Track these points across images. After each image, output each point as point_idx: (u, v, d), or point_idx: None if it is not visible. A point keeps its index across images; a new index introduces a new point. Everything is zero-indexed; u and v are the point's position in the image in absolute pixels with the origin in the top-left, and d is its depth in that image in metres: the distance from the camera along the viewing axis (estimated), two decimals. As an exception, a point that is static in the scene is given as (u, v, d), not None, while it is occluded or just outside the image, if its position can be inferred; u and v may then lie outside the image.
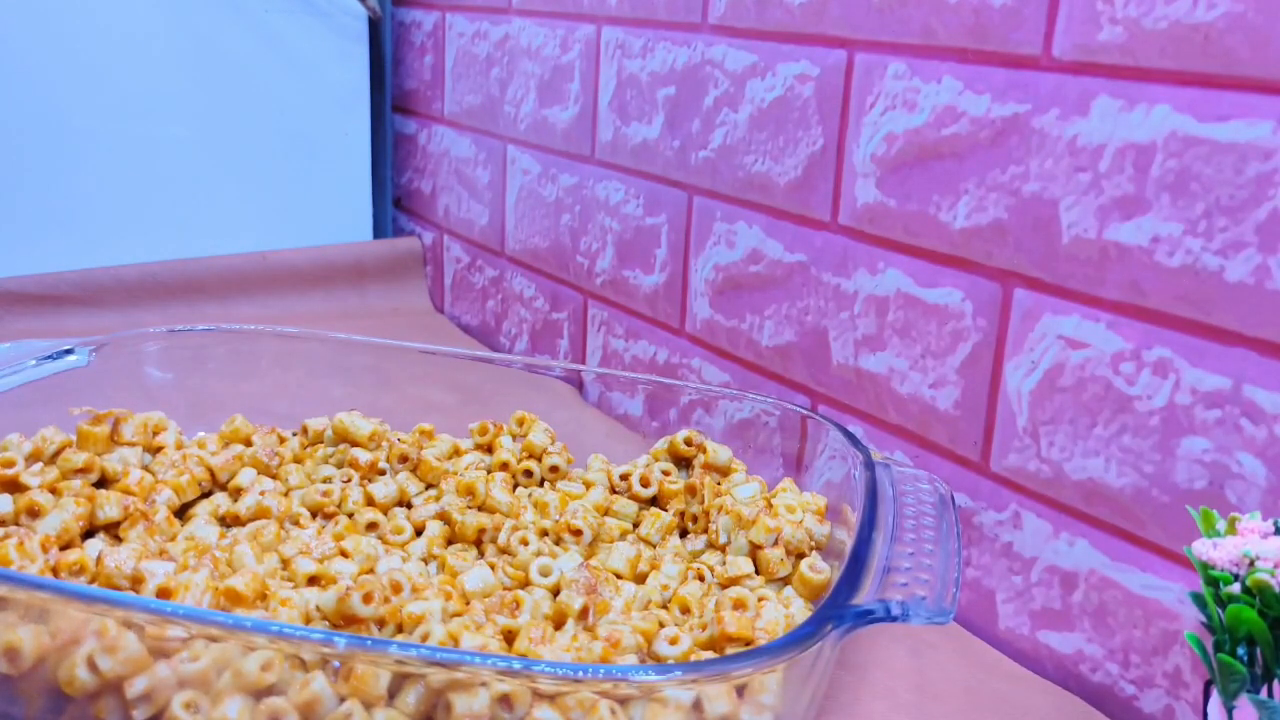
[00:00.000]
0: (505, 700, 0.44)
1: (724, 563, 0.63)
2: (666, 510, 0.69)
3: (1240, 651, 0.43)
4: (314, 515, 0.67)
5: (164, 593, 0.52)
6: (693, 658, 0.52)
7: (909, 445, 0.73)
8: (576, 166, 1.03)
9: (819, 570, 0.61)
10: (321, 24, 1.23)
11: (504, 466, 0.73)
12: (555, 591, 0.59)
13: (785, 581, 0.62)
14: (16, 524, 0.61)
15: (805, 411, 0.71)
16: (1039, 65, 0.62)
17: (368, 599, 0.51)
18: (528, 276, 1.12)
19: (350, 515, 0.67)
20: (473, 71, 1.17)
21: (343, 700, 0.45)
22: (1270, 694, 0.43)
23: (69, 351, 0.74)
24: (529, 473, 0.73)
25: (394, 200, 1.35)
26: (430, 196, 1.29)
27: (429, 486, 0.71)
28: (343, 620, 0.51)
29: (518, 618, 0.52)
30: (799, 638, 0.45)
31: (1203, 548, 0.44)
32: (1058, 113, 0.61)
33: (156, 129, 1.16)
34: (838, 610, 0.48)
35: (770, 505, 0.65)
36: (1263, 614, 0.42)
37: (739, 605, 0.55)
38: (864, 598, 0.49)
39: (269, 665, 0.45)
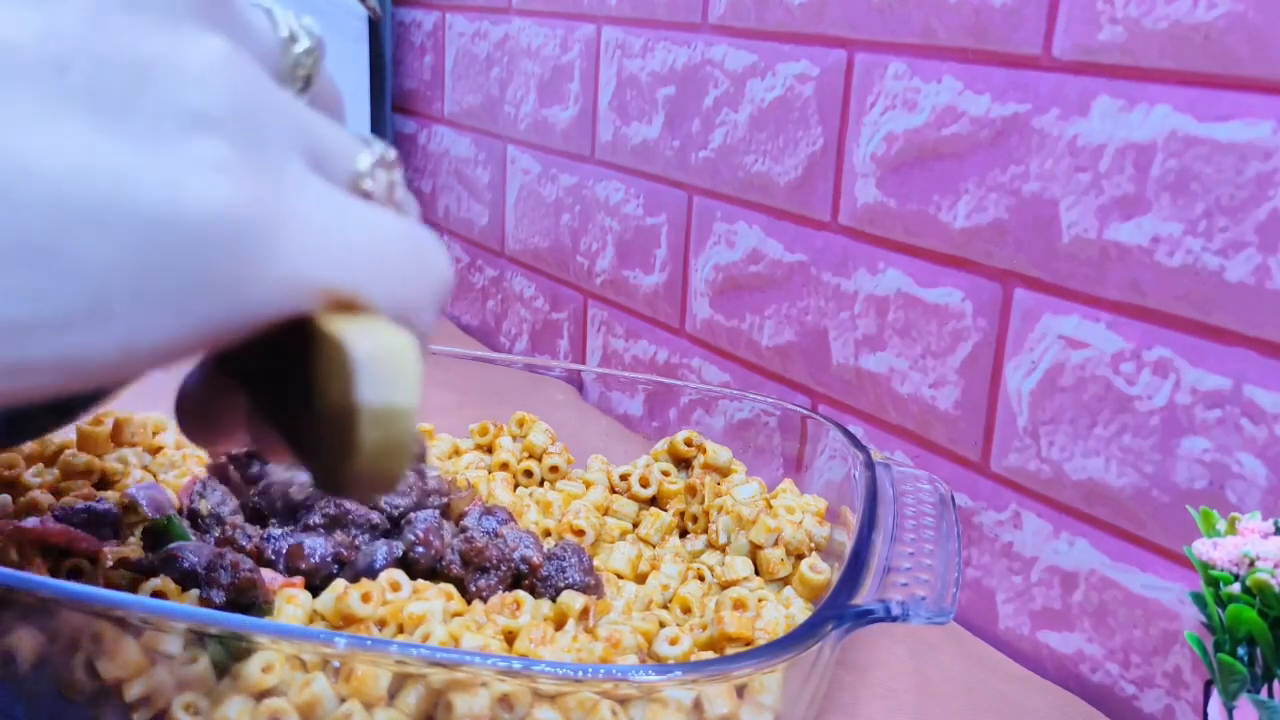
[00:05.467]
0: (506, 700, 0.44)
1: (722, 563, 0.63)
2: (666, 510, 0.69)
3: (1240, 651, 0.43)
4: (314, 515, 0.67)
5: (162, 594, 0.52)
6: (693, 658, 0.52)
7: (909, 445, 0.73)
8: (576, 166, 1.03)
9: (819, 570, 0.61)
10: (321, 24, 1.22)
11: (504, 467, 0.73)
12: (555, 592, 0.59)
13: (785, 582, 0.62)
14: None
15: (805, 411, 0.71)
16: (1039, 65, 0.62)
17: (366, 599, 0.51)
18: (528, 276, 1.12)
19: (350, 515, 0.67)
20: (473, 71, 1.17)
21: (343, 701, 0.45)
22: (1270, 694, 0.43)
23: (69, 352, 0.74)
24: (529, 473, 0.73)
25: (394, 200, 1.35)
26: (430, 196, 1.29)
27: (429, 487, 0.71)
28: (342, 620, 0.51)
29: (518, 618, 0.52)
30: (799, 638, 0.45)
31: (1203, 548, 0.44)
32: (1058, 113, 0.61)
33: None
34: (838, 610, 0.48)
35: (770, 506, 0.65)
36: (1263, 614, 0.42)
37: (739, 605, 0.55)
38: (864, 598, 0.49)
39: (269, 666, 0.45)
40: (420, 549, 0.56)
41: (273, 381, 0.28)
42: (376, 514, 0.56)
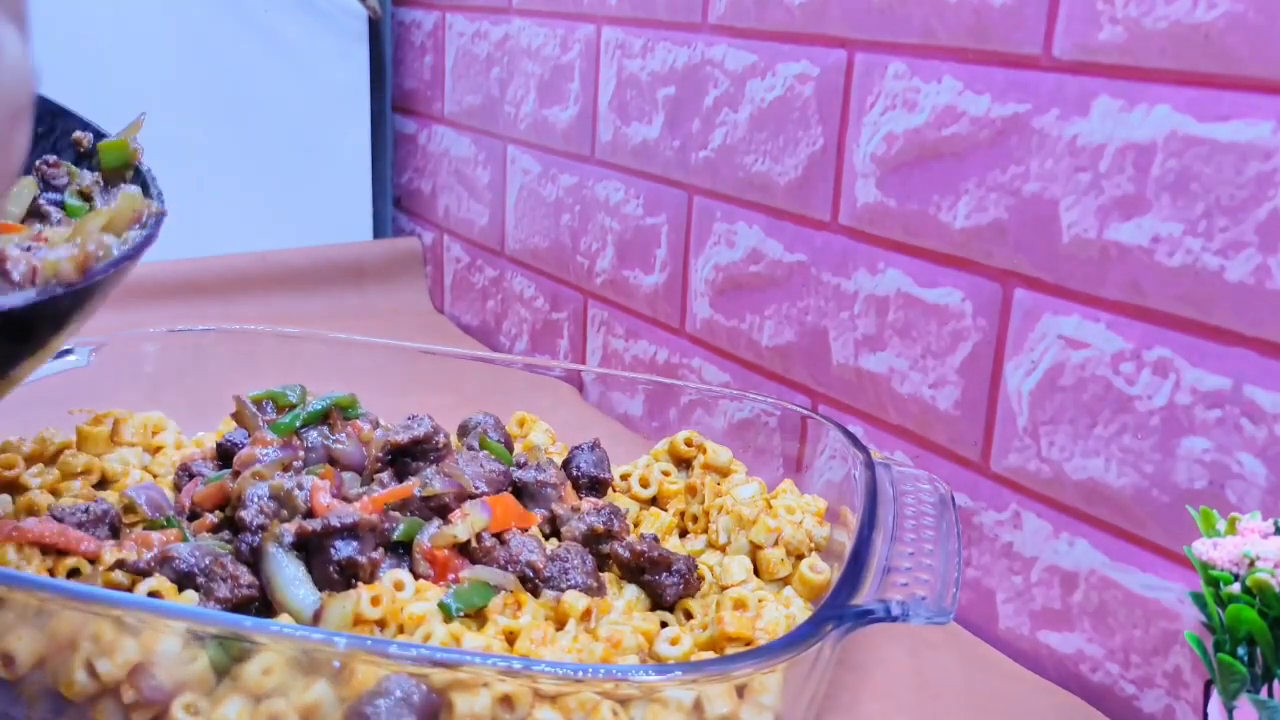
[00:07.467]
0: (507, 701, 0.44)
1: (722, 563, 0.63)
2: (666, 510, 0.69)
3: (1240, 651, 0.43)
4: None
5: (158, 594, 0.52)
6: (693, 658, 0.52)
7: (909, 445, 0.73)
8: (576, 166, 1.03)
9: (819, 571, 0.61)
10: (321, 24, 1.23)
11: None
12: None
13: (785, 582, 0.62)
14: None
15: (805, 411, 0.71)
16: (1039, 65, 0.62)
17: (376, 602, 0.51)
18: (528, 276, 1.12)
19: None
20: (473, 71, 1.17)
21: (344, 701, 0.45)
22: (1270, 694, 0.43)
23: (68, 352, 0.74)
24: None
25: (394, 200, 1.35)
26: (430, 196, 1.29)
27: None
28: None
29: (519, 619, 0.52)
30: (799, 637, 0.45)
31: (1203, 548, 0.44)
32: (1058, 113, 0.61)
33: (155, 129, 1.16)
34: (838, 610, 0.48)
35: (770, 506, 0.65)
36: (1263, 614, 0.42)
37: (739, 605, 0.55)
38: (864, 598, 0.49)
39: (269, 669, 0.45)
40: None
41: None
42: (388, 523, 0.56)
